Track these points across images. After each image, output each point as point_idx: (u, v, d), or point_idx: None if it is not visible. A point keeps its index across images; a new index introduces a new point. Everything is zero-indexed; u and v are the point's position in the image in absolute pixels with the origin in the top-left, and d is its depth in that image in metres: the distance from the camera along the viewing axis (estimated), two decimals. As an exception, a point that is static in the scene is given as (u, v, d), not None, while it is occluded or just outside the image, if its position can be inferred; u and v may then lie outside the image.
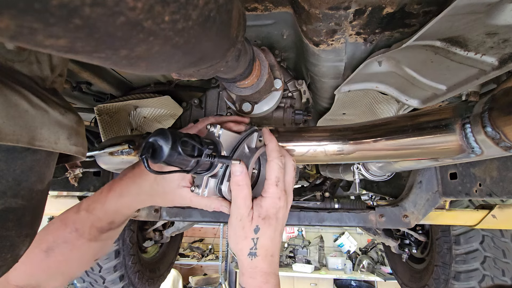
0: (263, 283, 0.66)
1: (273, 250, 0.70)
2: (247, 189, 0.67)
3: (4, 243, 0.49)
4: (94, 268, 2.11)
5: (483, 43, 0.64)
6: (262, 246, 0.68)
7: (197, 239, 6.91)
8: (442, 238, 1.87)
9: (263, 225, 0.68)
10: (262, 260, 0.68)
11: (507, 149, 0.62)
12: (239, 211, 0.68)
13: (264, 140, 0.76)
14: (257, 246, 0.68)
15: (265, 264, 0.68)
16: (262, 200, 0.70)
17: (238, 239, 0.69)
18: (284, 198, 0.71)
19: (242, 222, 0.68)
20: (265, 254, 0.68)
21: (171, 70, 0.38)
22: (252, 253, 0.68)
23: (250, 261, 0.68)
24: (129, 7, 0.21)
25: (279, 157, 0.72)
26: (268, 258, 0.69)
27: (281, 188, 0.71)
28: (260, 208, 0.69)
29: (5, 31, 0.18)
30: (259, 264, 0.68)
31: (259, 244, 0.68)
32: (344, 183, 2.47)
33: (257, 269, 0.68)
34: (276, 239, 0.70)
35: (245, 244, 0.68)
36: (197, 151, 0.59)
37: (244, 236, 0.68)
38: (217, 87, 1.17)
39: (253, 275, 0.67)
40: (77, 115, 0.59)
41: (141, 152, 0.54)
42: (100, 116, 1.19)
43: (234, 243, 0.71)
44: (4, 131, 0.42)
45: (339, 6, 0.61)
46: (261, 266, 0.68)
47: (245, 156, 0.70)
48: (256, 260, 0.68)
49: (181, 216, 1.66)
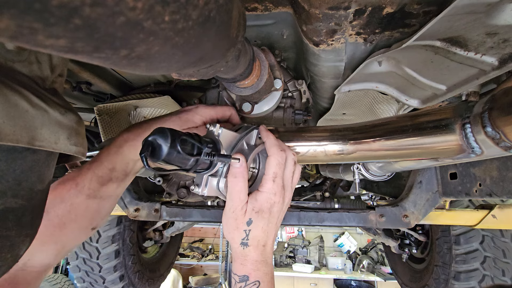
0: (252, 270, 0.68)
1: (266, 240, 0.71)
2: (242, 182, 0.68)
3: (4, 243, 0.49)
4: (94, 268, 2.11)
5: (483, 43, 0.64)
6: (254, 237, 0.69)
7: (197, 239, 6.91)
8: (442, 238, 1.87)
9: (256, 218, 0.69)
10: (253, 250, 0.69)
11: (507, 149, 0.62)
12: (233, 203, 0.69)
13: (262, 137, 0.76)
14: (249, 237, 0.69)
15: (256, 253, 0.69)
16: (257, 194, 0.71)
17: (230, 228, 0.71)
18: (281, 193, 0.72)
19: (235, 213, 0.69)
20: (256, 245, 0.70)
21: (171, 70, 0.38)
22: (244, 243, 0.69)
23: (241, 249, 0.70)
24: (129, 7, 0.21)
25: (279, 152, 0.72)
26: (260, 248, 0.70)
27: (278, 183, 0.71)
28: (255, 202, 0.70)
29: (5, 31, 0.18)
30: (250, 253, 0.69)
31: (251, 235, 0.69)
32: (344, 183, 2.47)
33: (247, 257, 0.69)
34: (270, 230, 0.72)
35: (237, 234, 0.70)
36: (196, 149, 0.59)
37: (236, 227, 0.70)
38: (217, 87, 1.17)
39: (243, 263, 0.69)
40: (77, 115, 0.59)
41: (140, 151, 0.54)
42: (100, 116, 1.19)
43: (226, 232, 0.73)
44: (4, 131, 0.42)
45: (339, 6, 0.61)
46: (252, 255, 0.69)
47: (244, 153, 0.70)
48: (248, 250, 0.69)
49: (181, 216, 1.66)
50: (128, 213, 1.71)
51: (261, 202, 0.70)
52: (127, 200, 1.72)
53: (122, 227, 2.15)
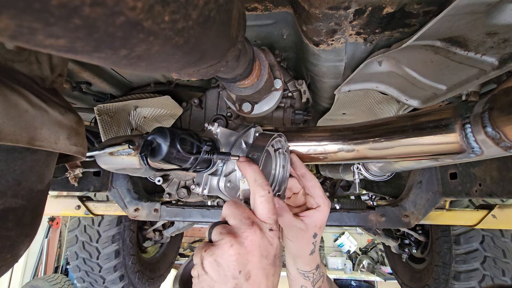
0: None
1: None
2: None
3: (4, 243, 0.49)
4: (94, 268, 2.11)
5: (483, 43, 0.64)
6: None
7: (197, 239, 6.91)
8: (442, 238, 1.87)
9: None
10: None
11: (507, 149, 0.62)
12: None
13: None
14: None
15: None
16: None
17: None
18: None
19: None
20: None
21: (171, 70, 0.38)
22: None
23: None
24: (129, 7, 0.21)
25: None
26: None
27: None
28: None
29: (5, 31, 0.18)
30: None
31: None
32: (344, 183, 2.47)
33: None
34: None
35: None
36: (196, 148, 0.59)
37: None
38: (217, 87, 1.17)
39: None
40: (77, 115, 0.59)
41: (140, 150, 0.54)
42: (100, 116, 1.19)
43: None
44: (4, 131, 0.42)
45: (339, 6, 0.61)
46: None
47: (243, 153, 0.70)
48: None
49: (181, 216, 1.66)
50: (128, 213, 1.71)
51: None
52: (127, 200, 1.72)
53: (122, 227, 2.15)
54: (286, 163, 0.78)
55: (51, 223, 5.13)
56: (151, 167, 0.55)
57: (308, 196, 0.77)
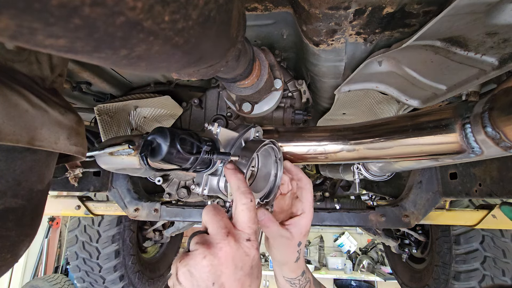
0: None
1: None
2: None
3: (4, 243, 0.49)
4: (94, 268, 2.11)
5: (483, 43, 0.64)
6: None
7: (197, 239, 6.90)
8: (442, 238, 1.87)
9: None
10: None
11: (507, 149, 0.62)
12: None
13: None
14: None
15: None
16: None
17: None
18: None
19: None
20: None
21: (171, 70, 0.38)
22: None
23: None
24: (129, 7, 0.21)
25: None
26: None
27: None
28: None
29: (5, 31, 0.18)
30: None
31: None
32: (344, 183, 2.47)
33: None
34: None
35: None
36: (195, 148, 0.59)
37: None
38: (217, 87, 1.17)
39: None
40: (77, 115, 0.59)
41: (140, 150, 0.54)
42: (100, 116, 1.19)
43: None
44: (4, 131, 0.42)
45: (339, 6, 0.61)
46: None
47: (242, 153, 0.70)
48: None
49: (181, 216, 1.66)
50: (128, 213, 1.71)
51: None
52: (127, 200, 1.72)
53: (122, 227, 2.15)
54: (278, 171, 0.77)
55: (51, 223, 5.13)
56: (151, 167, 0.55)
57: (297, 200, 0.77)
